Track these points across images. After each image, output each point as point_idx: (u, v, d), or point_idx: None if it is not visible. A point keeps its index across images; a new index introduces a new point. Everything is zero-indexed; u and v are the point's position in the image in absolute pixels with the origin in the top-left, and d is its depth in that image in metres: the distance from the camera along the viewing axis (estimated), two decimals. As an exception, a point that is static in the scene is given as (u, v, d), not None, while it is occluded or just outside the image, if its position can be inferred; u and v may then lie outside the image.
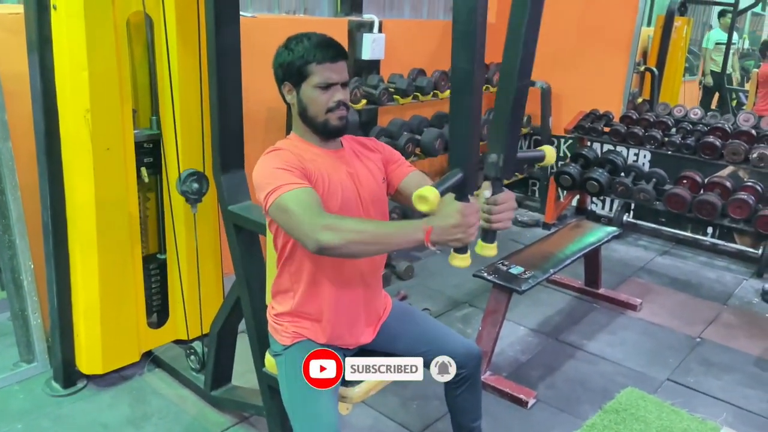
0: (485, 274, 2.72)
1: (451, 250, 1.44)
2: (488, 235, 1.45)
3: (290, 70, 1.63)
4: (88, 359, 2.50)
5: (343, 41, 3.83)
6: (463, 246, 1.41)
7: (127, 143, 2.40)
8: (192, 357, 2.55)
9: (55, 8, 2.13)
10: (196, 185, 2.38)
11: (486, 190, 1.42)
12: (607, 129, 4.56)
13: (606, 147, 4.62)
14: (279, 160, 1.59)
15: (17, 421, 2.36)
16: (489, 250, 1.46)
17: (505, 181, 1.46)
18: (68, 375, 2.53)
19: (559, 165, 4.58)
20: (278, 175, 1.54)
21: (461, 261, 1.43)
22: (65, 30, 2.14)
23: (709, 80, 6.81)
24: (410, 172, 1.81)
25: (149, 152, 2.57)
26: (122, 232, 2.43)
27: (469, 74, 1.28)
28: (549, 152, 1.52)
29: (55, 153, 2.29)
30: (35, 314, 2.58)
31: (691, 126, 4.44)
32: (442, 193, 1.30)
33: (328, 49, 1.62)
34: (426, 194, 1.27)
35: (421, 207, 1.28)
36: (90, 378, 2.59)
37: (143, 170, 2.53)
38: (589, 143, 4.68)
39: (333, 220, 1.46)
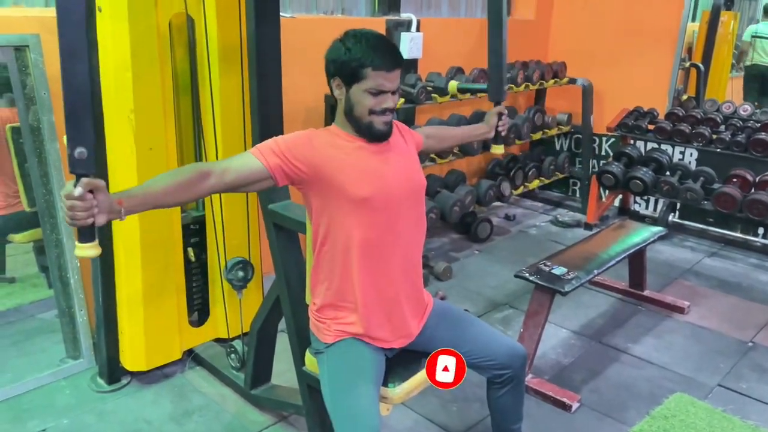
0: (527, 275, 2.67)
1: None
2: (501, 138, 2.29)
3: (344, 69, 1.62)
4: (132, 356, 2.54)
5: (399, 50, 3.81)
6: (79, 230, 1.34)
7: (169, 143, 2.43)
8: (232, 355, 2.57)
9: (100, 10, 2.17)
10: (241, 273, 2.46)
11: (504, 110, 2.27)
12: (651, 126, 4.44)
13: (650, 145, 4.50)
14: (289, 135, 1.67)
15: (63, 417, 2.41)
16: (500, 149, 2.35)
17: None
18: (113, 371, 2.58)
19: (602, 164, 4.48)
20: (265, 142, 1.63)
21: (77, 250, 1.36)
22: (110, 32, 2.18)
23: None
24: (422, 136, 2.01)
25: (195, 233, 2.68)
26: (165, 231, 2.46)
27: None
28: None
29: (100, 153, 2.33)
30: (81, 312, 2.63)
31: (741, 123, 4.28)
32: None
33: (386, 56, 1.60)
34: None
35: None
36: (133, 375, 2.63)
37: (190, 251, 2.65)
38: (632, 141, 4.56)
39: (179, 170, 1.55)
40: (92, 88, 2.23)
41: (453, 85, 2.02)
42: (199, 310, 2.83)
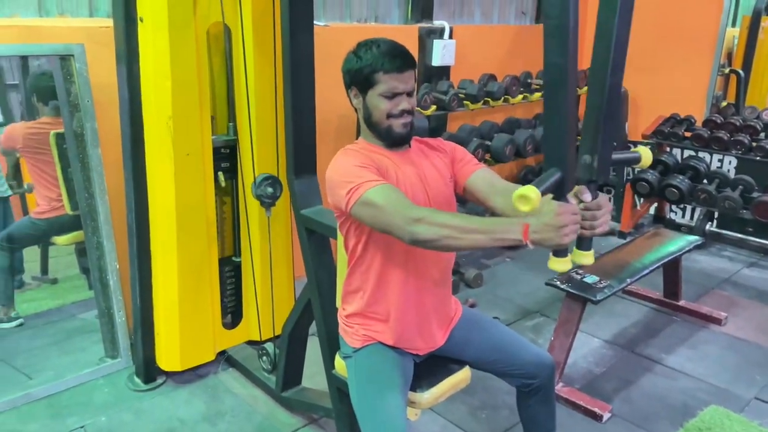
0: (558, 283, 2.65)
1: (550, 253, 1.39)
2: (584, 242, 1.40)
3: (358, 77, 1.65)
4: (167, 357, 2.60)
5: (414, 48, 3.85)
6: (560, 248, 1.35)
7: (206, 149, 2.49)
8: (264, 358, 2.61)
9: (141, 20, 2.24)
10: (270, 189, 2.44)
11: (585, 194, 1.37)
12: (688, 134, 4.36)
13: (687, 153, 4.42)
14: (355, 158, 1.62)
15: (102, 414, 2.48)
16: (586, 258, 1.41)
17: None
18: (149, 371, 2.65)
19: (636, 172, 4.42)
20: (357, 173, 1.56)
21: (560, 264, 1.37)
22: (151, 41, 2.25)
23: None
24: (476, 169, 1.77)
25: (226, 157, 2.66)
26: (200, 234, 2.52)
27: (563, 69, 1.25)
28: (645, 154, 1.49)
29: (140, 159, 2.41)
30: (120, 312, 2.71)
31: (782, 130, 4.18)
32: (543, 193, 1.26)
33: (395, 59, 1.62)
34: (527, 194, 1.22)
35: (523, 207, 1.24)
36: (169, 374, 2.69)
37: (220, 175, 2.62)
38: (668, 149, 4.49)
39: (426, 212, 1.47)
40: (133, 95, 2.33)
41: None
42: (232, 312, 2.89)
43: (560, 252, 1.36)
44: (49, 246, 3.19)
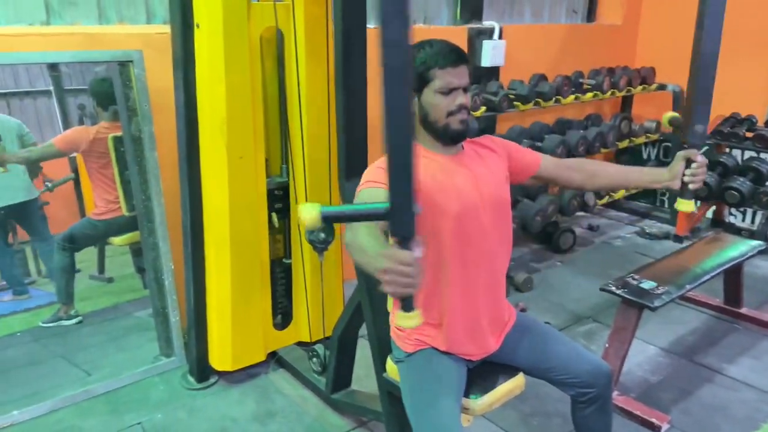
0: (614, 288, 2.58)
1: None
2: (689, 193, 1.72)
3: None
4: (220, 356, 2.64)
5: (463, 49, 3.81)
6: (404, 300, 1.22)
7: (258, 153, 2.52)
8: (314, 359, 2.63)
9: (198, 26, 2.28)
10: (322, 235, 2.48)
11: (699, 156, 1.68)
12: (749, 134, 4.18)
13: (748, 154, 4.24)
14: (383, 160, 1.62)
15: (157, 411, 2.54)
16: (689, 206, 1.74)
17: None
18: (202, 370, 2.70)
19: (693, 173, 4.26)
20: (373, 173, 1.60)
21: (402, 320, 1.24)
22: (206, 46, 2.29)
23: None
24: (541, 156, 1.88)
25: (279, 198, 2.71)
26: (252, 236, 2.56)
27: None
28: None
29: (195, 161, 2.46)
30: (174, 312, 2.77)
31: None
32: (326, 219, 1.19)
33: (449, 54, 1.62)
34: (301, 210, 1.18)
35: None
36: (221, 374, 2.74)
37: (274, 216, 2.69)
38: (728, 150, 4.32)
39: (364, 228, 1.40)
40: (189, 99, 2.38)
41: (666, 117, 1.88)
42: (282, 313, 2.92)
43: (404, 305, 1.23)
44: (106, 246, 3.29)
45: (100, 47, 2.57)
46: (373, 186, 1.55)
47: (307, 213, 1.17)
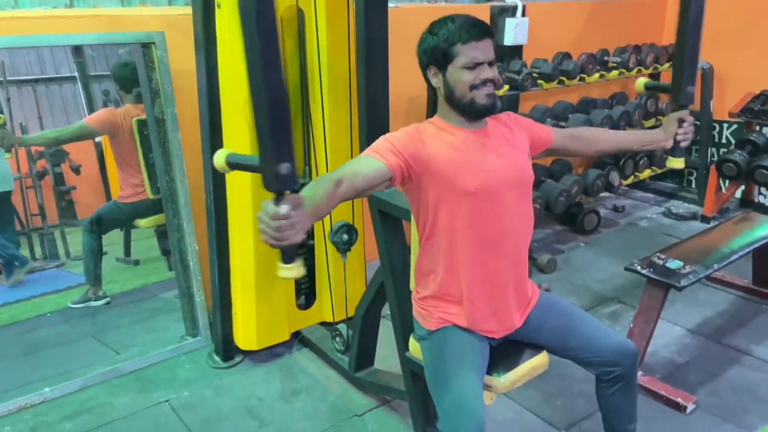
0: (639, 268, 2.54)
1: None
2: (680, 150, 1.86)
3: (435, 54, 1.63)
4: (245, 336, 2.68)
5: (486, 22, 3.75)
6: (282, 250, 1.25)
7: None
8: (337, 339, 2.65)
9: (219, 6, 2.28)
10: (345, 236, 2.49)
11: (689, 117, 1.83)
12: (780, 112, 4.08)
13: (779, 132, 4.14)
14: (397, 133, 1.65)
15: (184, 389, 2.58)
16: (679, 163, 1.89)
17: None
18: (227, 350, 2.74)
19: (722, 152, 4.17)
20: (378, 142, 1.62)
21: (279, 270, 1.28)
22: (227, 26, 2.29)
23: None
24: (553, 130, 1.91)
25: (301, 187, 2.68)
26: (275, 217, 2.56)
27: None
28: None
29: (218, 142, 2.46)
30: (199, 292, 2.81)
31: None
32: (231, 165, 1.39)
33: (472, 28, 1.60)
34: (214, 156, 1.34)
35: None
36: (246, 353, 2.77)
37: None
38: (757, 128, 4.21)
39: (319, 179, 1.48)
40: (211, 80, 2.38)
41: (641, 82, 1.95)
42: (306, 293, 2.94)
43: (283, 257, 1.26)
44: (132, 229, 3.34)
45: (122, 29, 2.59)
46: (369, 154, 1.58)
47: (216, 159, 1.34)
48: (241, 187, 2.47)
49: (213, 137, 2.46)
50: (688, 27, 1.71)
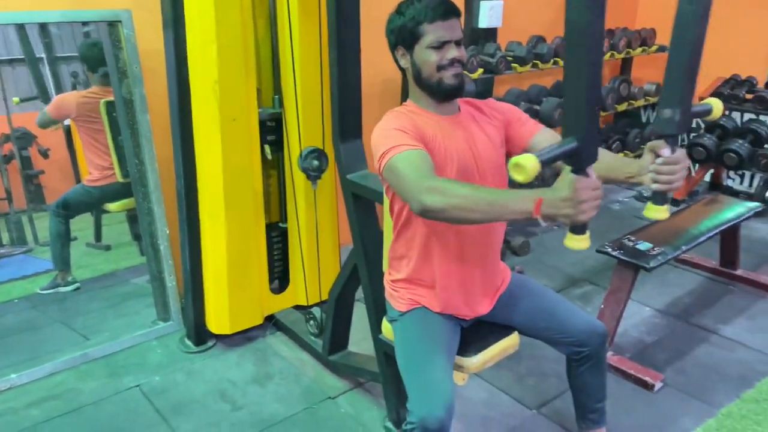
0: (610, 250, 2.58)
1: (567, 230, 1.30)
2: (660, 197, 1.37)
3: (402, 34, 1.61)
4: (217, 320, 2.65)
5: (452, 1, 3.74)
6: (577, 225, 1.27)
7: (252, 115, 2.49)
8: (311, 322, 2.64)
9: (187, -15, 2.23)
10: (316, 162, 2.45)
11: (665, 149, 1.34)
12: (749, 96, 4.14)
13: (747, 116, 4.21)
14: (397, 121, 1.59)
15: (155, 374, 2.56)
16: (661, 213, 1.38)
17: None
18: (199, 334, 2.71)
19: (692, 136, 4.24)
20: (394, 136, 1.53)
21: (576, 242, 1.28)
22: (196, 5, 2.24)
23: None
24: (537, 130, 1.72)
25: (272, 130, 2.64)
26: (247, 200, 2.54)
27: (582, 27, 1.14)
28: (716, 105, 1.41)
29: (188, 124, 2.42)
30: (171, 277, 2.78)
31: None
32: (545, 163, 1.16)
33: (438, 6, 1.58)
34: (522, 162, 1.13)
35: (517, 176, 1.15)
36: (218, 338, 2.75)
37: (267, 147, 2.62)
38: (727, 112, 4.28)
39: (441, 183, 1.40)
40: (179, 60, 2.33)
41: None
42: (279, 277, 2.92)
43: (578, 229, 1.28)
44: (102, 214, 3.28)
45: (88, 8, 2.52)
46: (407, 149, 1.49)
47: (529, 162, 1.14)
48: (213, 171, 2.44)
49: (183, 119, 2.42)
50: (677, 38, 1.29)
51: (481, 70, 3.54)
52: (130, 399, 2.41)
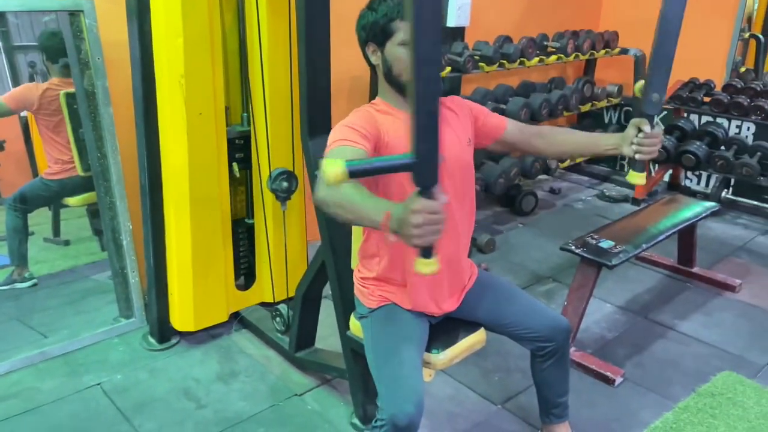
0: (573, 248, 2.63)
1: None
2: (640, 165, 1.66)
3: (374, 30, 1.61)
4: (181, 317, 2.61)
5: None
6: (422, 248, 1.18)
7: (218, 109, 2.45)
8: (277, 319, 2.62)
9: (152, -25, 2.19)
10: (285, 183, 2.44)
11: (647, 126, 1.62)
12: (707, 99, 4.27)
13: (705, 119, 4.34)
14: (353, 118, 1.61)
15: (117, 372, 2.51)
16: (641, 178, 1.67)
17: None
18: (163, 331, 2.67)
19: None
20: (342, 132, 1.55)
21: (422, 266, 1.20)
22: (162, -3, 2.20)
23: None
24: (506, 124, 1.86)
25: (240, 148, 2.64)
26: (213, 195, 2.51)
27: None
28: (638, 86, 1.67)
29: (152, 118, 2.38)
30: (133, 273, 2.72)
31: (803, 96, 4.08)
32: (356, 174, 1.12)
33: None
34: (326, 167, 1.09)
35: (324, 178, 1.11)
36: (182, 335, 2.71)
37: (235, 165, 2.61)
38: (685, 114, 4.41)
39: (345, 185, 1.33)
40: (144, 53, 2.29)
41: (638, 86, 1.71)
42: (245, 274, 2.89)
43: (424, 252, 1.19)
44: (61, 208, 3.20)
45: (48, -4, 2.45)
46: (343, 144, 1.50)
47: (330, 168, 1.09)
48: (178, 165, 2.40)
49: (147, 112, 2.38)
50: (662, 29, 1.56)
51: (448, 69, 3.56)
52: (90, 398, 2.35)
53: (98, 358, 2.59)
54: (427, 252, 1.20)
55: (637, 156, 1.62)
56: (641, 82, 1.68)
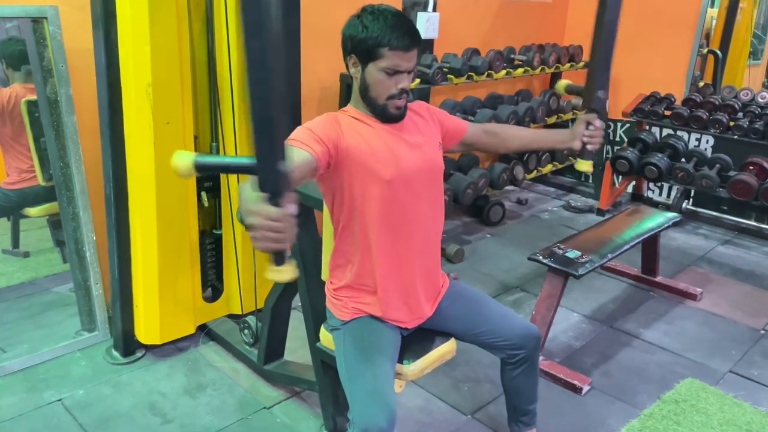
0: (541, 258, 2.66)
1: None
2: (589, 154, 1.82)
3: (361, 46, 1.58)
4: (147, 330, 2.56)
5: (416, 28, 3.78)
6: (274, 254, 1.17)
7: (186, 118, 2.42)
8: (246, 331, 2.59)
9: (119, -18, 2.15)
10: None
11: (597, 120, 1.80)
12: (668, 112, 4.39)
13: (666, 131, 4.46)
14: (314, 120, 1.62)
15: (79, 387, 2.43)
16: (588, 165, 1.83)
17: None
18: (127, 344, 2.60)
19: (616, 150, 4.44)
20: (299, 132, 1.56)
21: (273, 273, 1.19)
22: (129, 5, 2.17)
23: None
24: (467, 125, 1.94)
25: (209, 177, 2.63)
26: (180, 205, 2.47)
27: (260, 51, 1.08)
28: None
29: (118, 127, 2.33)
30: (97, 285, 2.65)
31: (759, 110, 4.23)
32: (201, 168, 1.18)
33: (404, 36, 1.56)
34: (176, 159, 1.17)
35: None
36: (148, 348, 2.65)
37: (203, 195, 2.60)
38: (647, 127, 4.52)
39: None
40: (110, 61, 2.25)
41: (561, 84, 1.98)
42: (212, 286, 2.85)
43: (275, 258, 1.17)
44: (21, 219, 3.10)
45: (10, 2, 2.39)
46: (292, 144, 1.50)
47: (180, 161, 1.14)
48: (144, 175, 2.35)
49: (113, 121, 2.33)
50: (602, 33, 1.73)
51: (417, 81, 3.59)
52: (51, 414, 2.28)
53: (59, 373, 2.52)
54: (278, 258, 1.17)
55: (588, 147, 1.82)
56: (563, 81, 2.04)
